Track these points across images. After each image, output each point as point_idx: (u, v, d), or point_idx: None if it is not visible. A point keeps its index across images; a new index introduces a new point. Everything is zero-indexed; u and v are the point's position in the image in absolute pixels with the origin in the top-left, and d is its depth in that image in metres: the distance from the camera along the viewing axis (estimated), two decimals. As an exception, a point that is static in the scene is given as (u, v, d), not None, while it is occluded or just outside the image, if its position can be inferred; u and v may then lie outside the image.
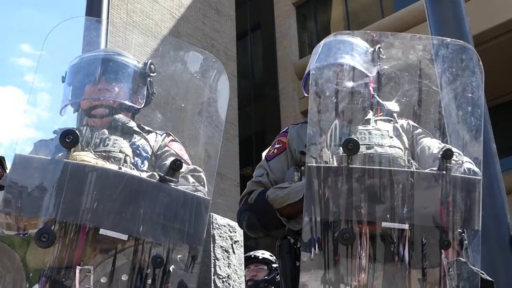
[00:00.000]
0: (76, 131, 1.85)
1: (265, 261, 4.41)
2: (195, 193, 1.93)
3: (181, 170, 1.90)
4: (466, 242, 2.01)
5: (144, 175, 1.93)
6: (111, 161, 2.02)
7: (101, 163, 1.93)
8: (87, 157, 1.92)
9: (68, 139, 1.80)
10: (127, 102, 2.26)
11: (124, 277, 1.76)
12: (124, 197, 1.77)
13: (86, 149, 2.03)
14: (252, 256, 4.42)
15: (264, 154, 2.51)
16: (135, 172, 1.98)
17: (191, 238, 1.87)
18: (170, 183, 1.85)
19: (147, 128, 2.30)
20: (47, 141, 2.16)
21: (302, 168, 2.29)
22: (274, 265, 4.27)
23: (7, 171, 2.29)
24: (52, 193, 1.72)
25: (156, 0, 13.57)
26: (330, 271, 1.88)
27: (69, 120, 2.30)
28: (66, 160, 1.79)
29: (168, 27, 13.46)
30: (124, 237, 1.74)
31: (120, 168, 1.97)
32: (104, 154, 2.06)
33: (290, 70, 14.96)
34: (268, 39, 16.11)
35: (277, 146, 2.45)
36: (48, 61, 2.18)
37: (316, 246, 1.88)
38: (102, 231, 1.72)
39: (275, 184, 2.34)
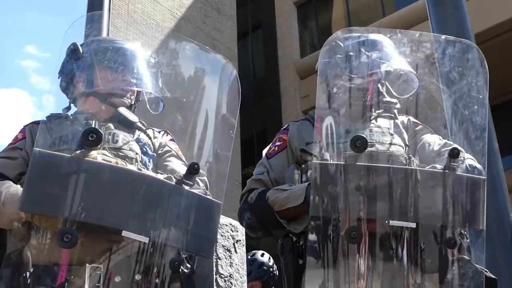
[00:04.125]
0: (100, 130, 1.80)
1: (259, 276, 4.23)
2: (208, 197, 1.93)
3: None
4: (468, 241, 2.00)
5: (160, 177, 1.89)
6: (127, 161, 1.97)
7: (120, 163, 1.89)
8: (107, 157, 1.87)
9: (91, 137, 1.75)
10: (158, 95, 2.19)
11: (138, 277, 1.75)
12: (146, 199, 1.75)
13: (99, 146, 1.93)
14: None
15: (264, 151, 2.49)
16: (153, 173, 1.95)
17: (206, 241, 1.88)
18: (187, 186, 1.83)
19: (144, 123, 2.23)
20: (44, 132, 2.02)
21: (303, 166, 2.28)
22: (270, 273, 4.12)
23: None
24: (75, 193, 1.67)
25: (157, 0, 13.56)
26: (336, 270, 1.87)
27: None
28: (89, 159, 1.75)
29: (169, 27, 13.45)
30: (145, 239, 1.73)
31: (139, 169, 1.93)
32: (116, 152, 2.00)
33: (291, 69, 14.94)
34: (269, 39, 16.09)
35: (277, 143, 2.43)
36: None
37: (322, 245, 1.87)
38: (124, 233, 1.70)
39: (275, 182, 2.33)
